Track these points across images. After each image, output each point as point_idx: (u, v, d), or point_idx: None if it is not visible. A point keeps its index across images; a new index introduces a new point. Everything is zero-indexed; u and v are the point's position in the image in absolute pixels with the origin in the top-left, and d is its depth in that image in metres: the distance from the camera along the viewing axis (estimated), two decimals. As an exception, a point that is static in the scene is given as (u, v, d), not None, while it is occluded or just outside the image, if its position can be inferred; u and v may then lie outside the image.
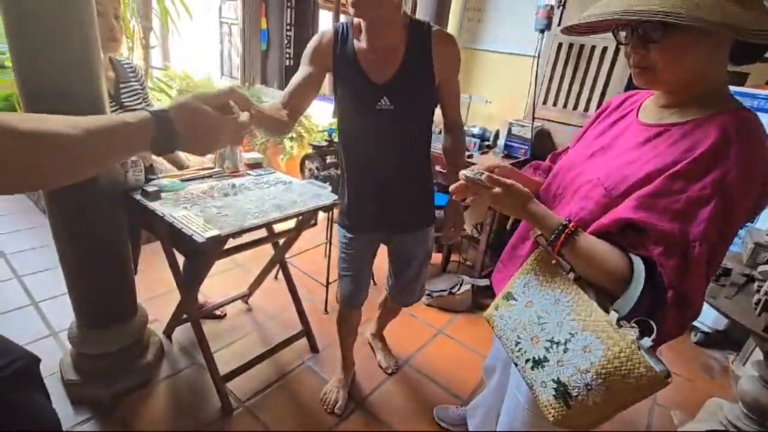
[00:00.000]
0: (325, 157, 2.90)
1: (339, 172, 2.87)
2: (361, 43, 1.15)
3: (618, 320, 0.67)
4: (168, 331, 1.86)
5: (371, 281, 1.64)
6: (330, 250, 2.22)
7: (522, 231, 0.99)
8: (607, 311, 0.69)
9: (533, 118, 2.46)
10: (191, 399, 1.60)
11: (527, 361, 0.76)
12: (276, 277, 2.37)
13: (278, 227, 1.66)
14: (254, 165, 1.88)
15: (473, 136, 2.61)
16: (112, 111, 1.43)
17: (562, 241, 0.72)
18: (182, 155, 1.90)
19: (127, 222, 1.51)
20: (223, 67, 4.36)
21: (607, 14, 0.67)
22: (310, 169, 2.92)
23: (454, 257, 2.80)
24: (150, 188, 1.42)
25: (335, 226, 1.63)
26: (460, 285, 2.37)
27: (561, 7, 2.31)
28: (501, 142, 2.56)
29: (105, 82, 1.30)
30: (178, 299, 1.85)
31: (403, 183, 1.31)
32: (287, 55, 4.69)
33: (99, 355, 1.45)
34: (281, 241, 1.86)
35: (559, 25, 2.33)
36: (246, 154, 1.90)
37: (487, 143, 2.65)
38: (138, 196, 1.41)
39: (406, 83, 1.15)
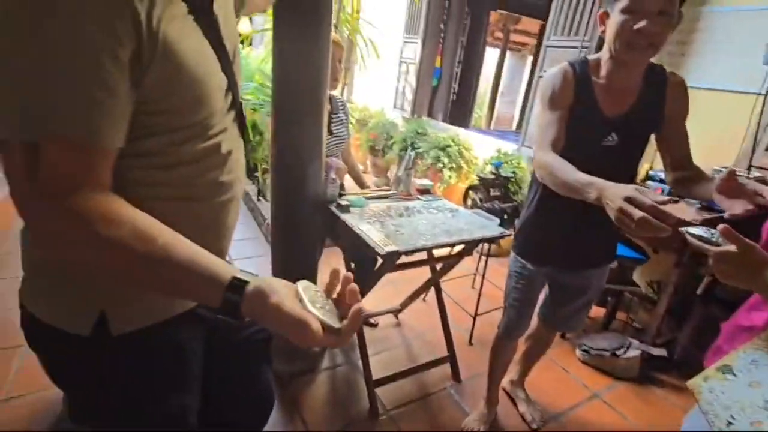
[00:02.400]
0: (489, 189, 2.93)
1: (504, 205, 2.87)
2: (599, 80, 1.16)
3: None
4: (331, 328, 2.11)
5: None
6: (482, 282, 2.21)
7: (753, 302, 0.84)
8: None
9: (749, 167, 2.04)
10: (345, 393, 1.77)
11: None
12: (424, 299, 2.46)
13: (438, 252, 1.75)
14: (423, 191, 2.03)
15: (661, 181, 2.30)
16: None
17: None
18: (363, 175, 2.18)
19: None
20: (396, 100, 4.83)
21: None
22: (473, 200, 2.99)
23: (620, 314, 2.46)
24: (343, 202, 1.67)
25: (505, 258, 1.62)
26: (627, 348, 2.07)
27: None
28: (699, 191, 2.18)
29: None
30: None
31: (601, 220, 1.25)
32: (453, 90, 4.95)
33: (287, 338, 1.75)
34: (438, 266, 1.95)
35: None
36: (417, 180, 2.06)
37: (678, 191, 2.29)
38: (333, 208, 1.68)
39: (637, 121, 1.16)
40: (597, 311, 2.47)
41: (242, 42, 4.15)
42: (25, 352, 1.65)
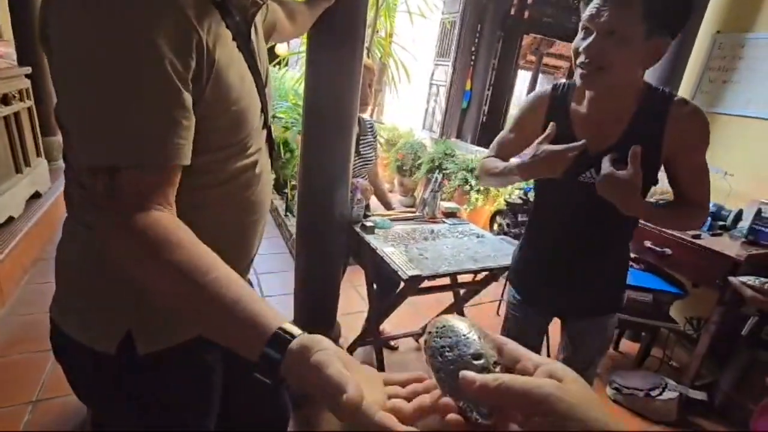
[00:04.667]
0: (517, 215, 2.88)
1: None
2: (579, 108, 1.04)
3: None
4: (351, 349, 2.08)
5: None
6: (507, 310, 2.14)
7: None
8: None
9: (802, 201, 1.91)
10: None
11: None
12: (446, 324, 2.41)
13: (462, 277, 1.71)
14: (449, 214, 2.01)
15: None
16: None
17: None
18: (389, 196, 2.19)
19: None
20: (425, 122, 4.87)
21: None
22: (500, 225, 2.93)
23: (655, 351, 2.32)
24: (368, 223, 1.67)
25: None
26: (663, 389, 1.93)
27: None
28: (744, 224, 2.05)
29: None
30: (360, 320, 2.07)
31: (592, 264, 1.14)
32: (483, 113, 4.94)
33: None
34: (461, 291, 1.91)
35: None
36: (444, 203, 2.05)
37: (721, 224, 2.17)
38: (357, 228, 1.68)
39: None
40: (630, 347, 2.34)
41: (279, 63, 4.32)
42: (57, 356, 1.72)
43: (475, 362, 0.33)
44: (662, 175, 1.08)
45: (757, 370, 1.90)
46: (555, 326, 1.42)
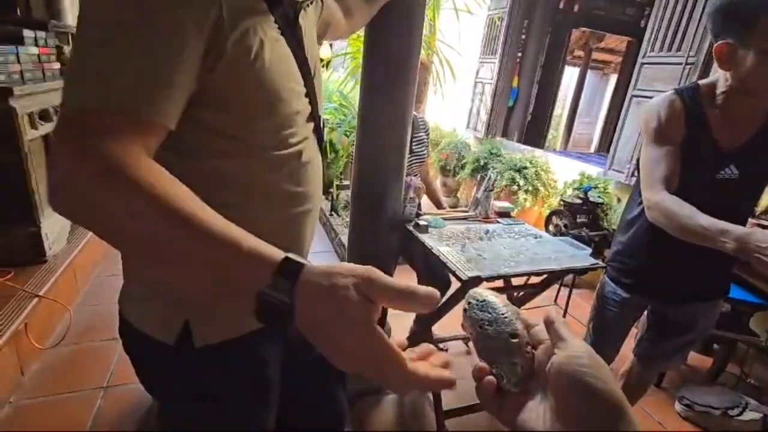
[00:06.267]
0: (576, 215, 2.74)
1: (592, 233, 2.66)
2: (714, 109, 1.06)
3: None
4: (402, 349, 2.06)
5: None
6: (564, 315, 2.03)
7: None
8: None
9: None
10: (412, 420, 1.70)
11: None
12: (497, 328, 2.33)
13: (516, 279, 1.64)
14: (503, 213, 1.94)
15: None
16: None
17: None
18: (440, 195, 2.14)
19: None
20: (469, 121, 4.77)
21: None
22: (557, 226, 2.81)
23: (730, 367, 2.12)
24: (421, 222, 1.64)
25: (586, 290, 1.49)
26: (744, 409, 1.76)
27: None
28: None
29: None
30: (408, 322, 2.04)
31: (715, 254, 1.12)
32: (529, 111, 4.78)
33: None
34: (515, 294, 1.83)
35: None
36: (497, 202, 1.98)
37: (812, 227, 1.95)
38: (410, 227, 1.65)
39: (761, 150, 1.05)
40: (702, 361, 2.16)
41: (324, 66, 4.38)
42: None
43: (512, 340, 0.38)
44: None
45: None
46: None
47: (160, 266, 0.43)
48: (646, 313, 1.39)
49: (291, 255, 0.39)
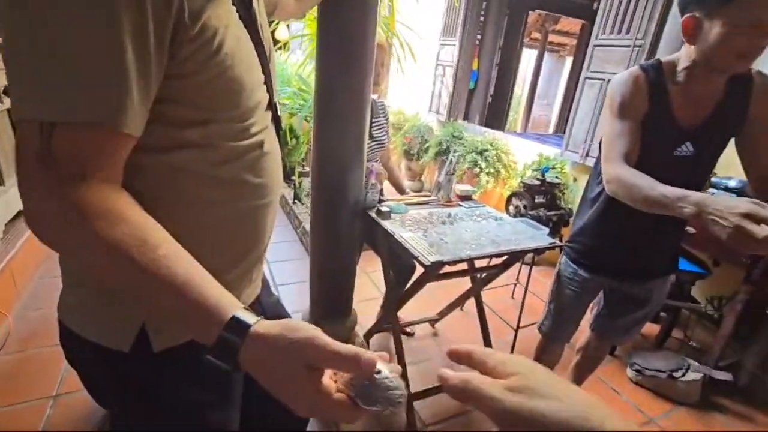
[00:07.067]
0: (534, 196, 2.81)
1: (550, 213, 2.75)
2: (675, 86, 1.09)
3: None
4: (367, 336, 2.06)
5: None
6: (525, 293, 2.10)
7: None
8: None
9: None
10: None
11: None
12: (462, 309, 2.38)
13: (478, 261, 1.67)
14: (465, 197, 1.95)
15: (726, 189, 2.12)
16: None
17: None
18: (402, 180, 2.13)
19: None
20: (432, 104, 4.77)
21: None
22: (516, 207, 2.88)
23: (675, 333, 2.29)
24: (383, 208, 1.62)
25: (546, 268, 1.54)
26: (686, 370, 1.91)
27: None
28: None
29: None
30: (375, 307, 2.03)
31: (667, 230, 1.22)
32: (490, 93, 4.84)
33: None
34: (478, 275, 1.87)
35: None
36: (458, 186, 1.99)
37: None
38: (372, 214, 1.64)
39: (717, 127, 1.09)
40: (650, 328, 2.31)
41: (280, 48, 4.21)
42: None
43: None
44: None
45: (783, 349, 1.86)
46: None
47: (120, 285, 0.48)
48: (603, 290, 1.45)
49: (238, 314, 0.44)
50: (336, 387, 0.43)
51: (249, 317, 0.44)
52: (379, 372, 0.41)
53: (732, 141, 1.14)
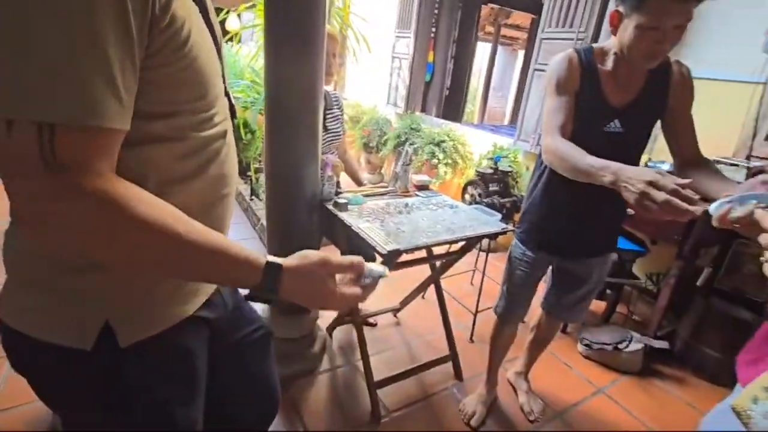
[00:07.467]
0: (488, 184, 2.90)
1: (503, 200, 2.84)
2: (605, 69, 1.18)
3: None
4: (330, 329, 2.06)
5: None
6: (482, 279, 2.18)
7: None
8: None
9: (749, 156, 2.03)
10: (346, 395, 1.73)
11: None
12: (423, 297, 2.43)
13: (437, 249, 1.71)
14: (422, 187, 1.99)
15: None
16: (321, 133, 1.69)
17: None
18: (360, 172, 2.13)
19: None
20: (389, 96, 4.78)
21: None
22: (472, 195, 2.95)
23: (620, 308, 2.45)
24: (340, 200, 1.62)
25: (503, 253, 1.61)
26: (629, 342, 2.05)
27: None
28: (698, 182, 2.17)
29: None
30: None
31: (606, 208, 1.30)
32: (446, 85, 4.91)
33: (284, 339, 1.70)
34: (437, 263, 1.91)
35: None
36: (415, 176, 2.02)
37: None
38: (330, 206, 1.63)
39: (642, 109, 1.19)
40: (597, 305, 2.46)
41: (231, 39, 4.07)
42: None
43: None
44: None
45: (711, 317, 2.05)
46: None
47: (160, 267, 0.53)
48: (550, 270, 1.54)
49: (270, 258, 0.57)
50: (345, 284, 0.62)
51: (277, 260, 0.57)
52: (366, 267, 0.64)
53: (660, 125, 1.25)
